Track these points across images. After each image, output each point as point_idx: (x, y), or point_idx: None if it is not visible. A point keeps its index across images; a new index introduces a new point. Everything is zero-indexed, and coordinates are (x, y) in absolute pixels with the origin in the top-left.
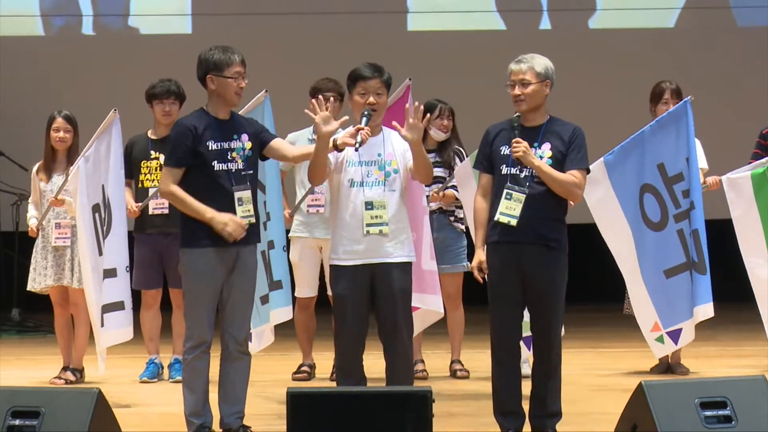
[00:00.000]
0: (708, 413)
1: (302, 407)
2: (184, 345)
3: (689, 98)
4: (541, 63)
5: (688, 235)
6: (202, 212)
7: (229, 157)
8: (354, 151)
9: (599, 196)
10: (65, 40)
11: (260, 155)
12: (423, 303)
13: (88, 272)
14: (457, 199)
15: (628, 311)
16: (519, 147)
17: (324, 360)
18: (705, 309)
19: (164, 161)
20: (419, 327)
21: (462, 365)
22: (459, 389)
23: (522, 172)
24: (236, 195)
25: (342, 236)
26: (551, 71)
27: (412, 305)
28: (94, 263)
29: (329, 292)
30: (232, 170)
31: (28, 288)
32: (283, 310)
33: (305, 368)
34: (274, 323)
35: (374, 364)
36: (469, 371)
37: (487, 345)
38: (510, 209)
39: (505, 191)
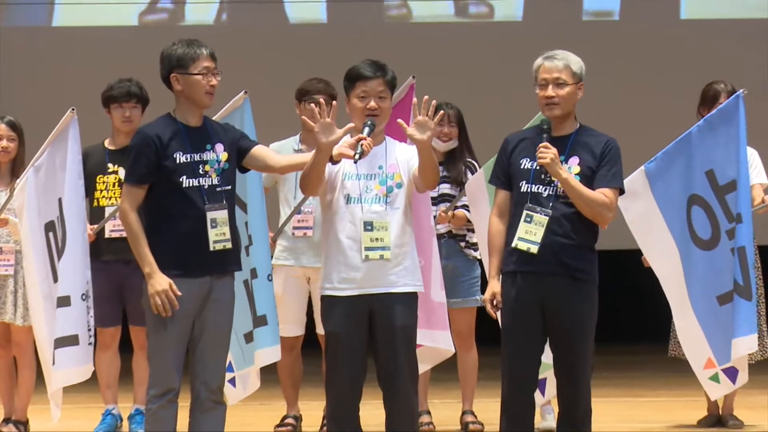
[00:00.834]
0: None
1: None
2: (148, 393)
3: (741, 92)
4: (577, 61)
5: (734, 254)
6: (142, 263)
7: (201, 171)
8: (352, 163)
9: (641, 211)
10: (13, 31)
11: (239, 167)
12: (432, 341)
13: (39, 302)
14: (470, 221)
15: (675, 353)
16: (547, 153)
17: (312, 411)
18: (748, 342)
19: (124, 178)
20: (425, 366)
21: (475, 417)
22: None
23: (545, 190)
24: (209, 215)
25: (336, 262)
26: (584, 72)
27: (418, 342)
28: (47, 291)
29: (318, 330)
30: (205, 186)
31: None
32: (270, 350)
33: (290, 420)
34: (261, 365)
35: (372, 415)
36: (483, 424)
37: None
38: (530, 234)
39: (525, 212)
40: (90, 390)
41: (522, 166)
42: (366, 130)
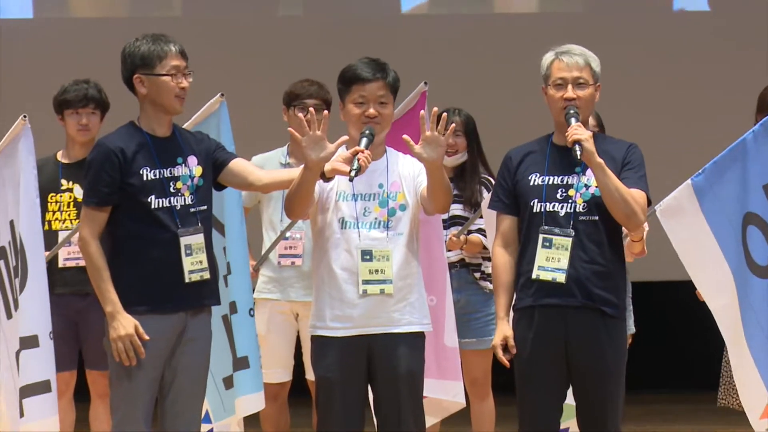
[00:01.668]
0: None
1: None
2: None
3: None
4: (595, 58)
5: None
6: (104, 301)
7: (172, 189)
8: (347, 181)
9: (689, 232)
10: None
11: (215, 183)
12: (442, 392)
13: None
14: (485, 248)
15: (725, 402)
16: (581, 131)
17: None
18: None
19: (83, 199)
20: (432, 419)
21: None
22: None
23: (562, 208)
24: (183, 241)
25: (329, 297)
26: (600, 71)
27: (425, 394)
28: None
29: (308, 376)
30: (177, 207)
31: None
32: (253, 398)
33: None
34: (243, 415)
35: None
36: None
37: None
38: (552, 260)
39: (542, 237)
40: None
41: (531, 183)
42: (363, 142)
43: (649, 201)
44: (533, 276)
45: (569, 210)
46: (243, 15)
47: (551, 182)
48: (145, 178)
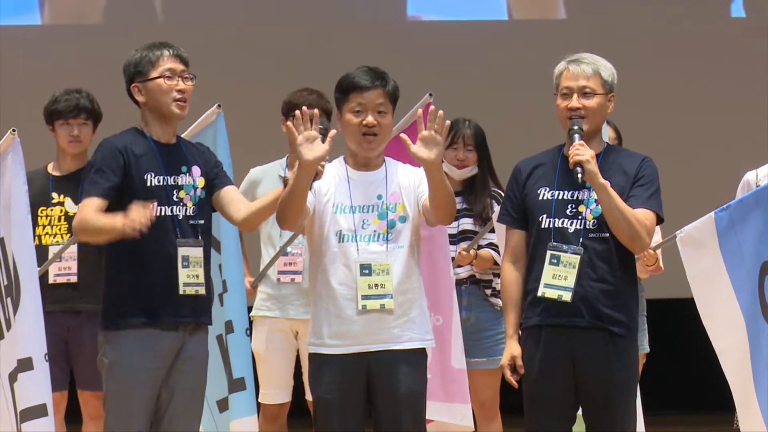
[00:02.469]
0: None
1: None
2: None
3: None
4: (608, 67)
5: None
6: (109, 228)
7: (175, 198)
8: (345, 193)
9: (705, 267)
10: None
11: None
12: (449, 416)
13: None
14: (497, 264)
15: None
16: (583, 151)
17: None
18: None
19: (81, 192)
20: None
21: None
22: None
23: (572, 224)
24: (180, 251)
25: (327, 313)
26: (615, 81)
27: (431, 417)
28: None
29: (308, 396)
30: (178, 216)
31: None
32: (249, 421)
33: None
34: None
35: None
36: None
37: None
38: (558, 278)
39: (549, 253)
40: None
41: (541, 197)
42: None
43: (661, 219)
44: (539, 294)
45: (579, 227)
46: (243, 21)
47: (560, 197)
48: (149, 184)
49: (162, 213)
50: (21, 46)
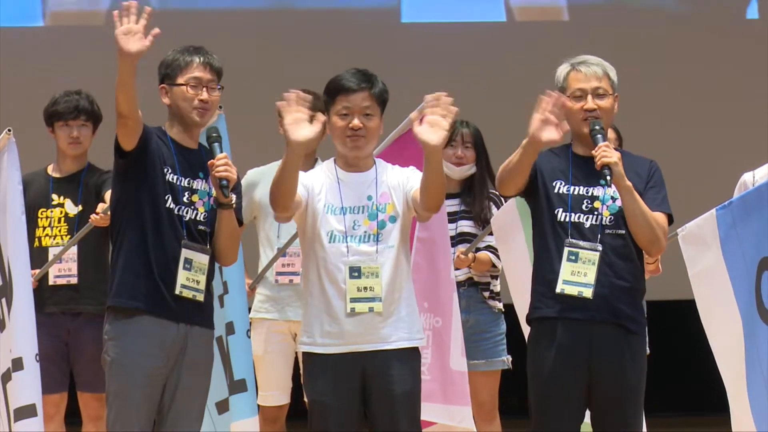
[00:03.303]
0: None
1: None
2: None
3: None
4: (612, 68)
5: None
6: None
7: (186, 200)
8: (336, 194)
9: (706, 266)
10: None
11: None
12: (450, 418)
13: None
14: (495, 266)
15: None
16: (610, 153)
17: None
18: None
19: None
20: None
21: None
22: None
23: (587, 220)
24: (184, 253)
25: (318, 311)
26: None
27: (432, 419)
28: None
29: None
30: (185, 218)
31: None
32: (249, 422)
33: None
34: None
35: None
36: None
37: None
38: (578, 275)
39: (567, 250)
40: None
41: (557, 190)
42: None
43: (671, 219)
44: (558, 290)
45: (594, 222)
46: (241, 24)
47: (576, 192)
48: (166, 179)
49: (173, 206)
50: (22, 48)
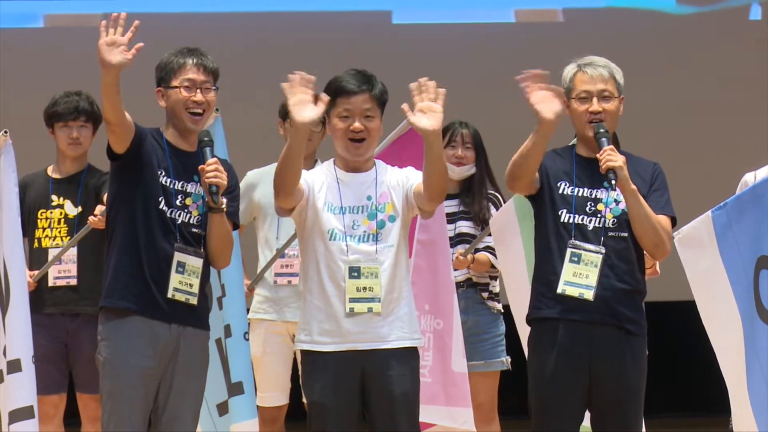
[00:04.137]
0: None
1: None
2: None
3: None
4: (619, 70)
5: None
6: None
7: (179, 203)
8: (335, 193)
9: (704, 268)
10: None
11: None
12: (451, 420)
13: None
14: (494, 267)
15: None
16: (615, 156)
17: None
18: None
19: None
20: None
21: None
22: None
23: (591, 222)
24: (177, 256)
25: (316, 309)
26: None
27: (432, 421)
28: None
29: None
30: (177, 221)
31: None
32: (249, 424)
33: None
34: None
35: None
36: None
37: None
38: (579, 276)
39: (570, 251)
40: None
41: (561, 191)
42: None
43: (675, 222)
44: (559, 290)
45: (598, 224)
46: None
47: (580, 194)
48: (160, 182)
49: (165, 208)
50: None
